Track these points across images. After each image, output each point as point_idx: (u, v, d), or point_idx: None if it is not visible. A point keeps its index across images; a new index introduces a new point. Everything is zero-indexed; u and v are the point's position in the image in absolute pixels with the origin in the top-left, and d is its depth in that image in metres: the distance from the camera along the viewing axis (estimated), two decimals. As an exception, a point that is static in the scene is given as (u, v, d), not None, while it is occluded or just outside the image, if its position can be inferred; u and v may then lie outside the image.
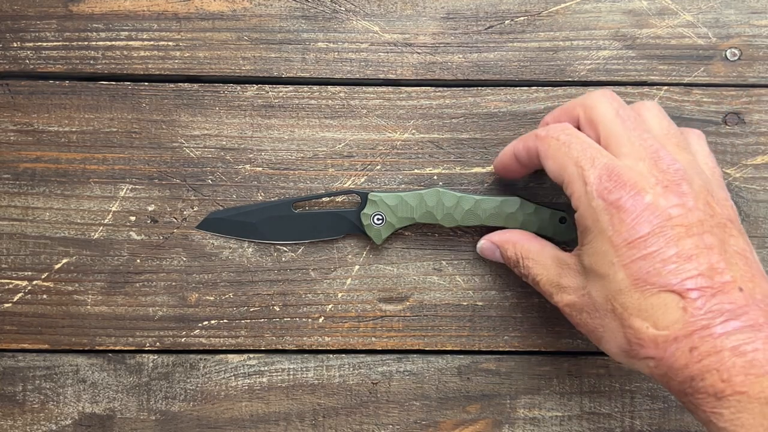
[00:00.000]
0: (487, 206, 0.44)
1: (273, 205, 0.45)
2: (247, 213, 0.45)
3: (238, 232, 0.45)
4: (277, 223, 0.45)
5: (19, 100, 0.45)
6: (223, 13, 0.46)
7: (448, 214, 0.44)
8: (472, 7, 0.46)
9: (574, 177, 0.37)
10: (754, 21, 0.46)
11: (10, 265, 0.45)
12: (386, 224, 0.44)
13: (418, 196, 0.44)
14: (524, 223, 0.44)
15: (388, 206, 0.44)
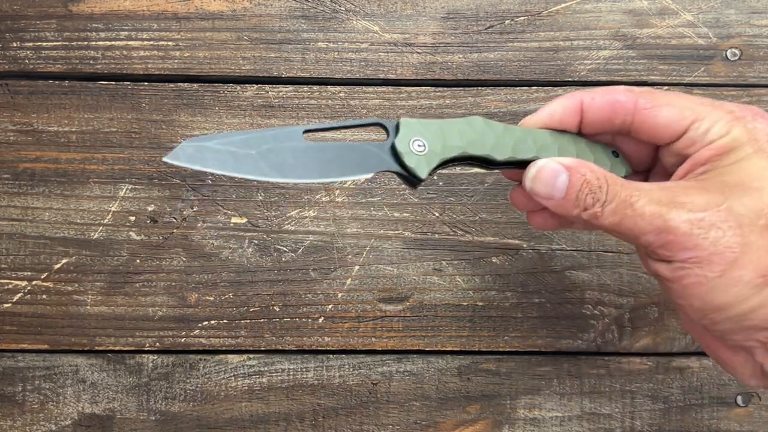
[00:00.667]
0: (538, 136, 0.36)
1: (277, 133, 0.33)
2: (241, 141, 0.33)
3: (227, 165, 0.32)
4: (284, 156, 0.33)
5: (19, 99, 0.45)
6: (223, 13, 0.46)
7: (500, 143, 0.36)
8: (472, 6, 0.46)
9: (712, 110, 0.35)
10: (754, 21, 0.46)
11: (9, 265, 0.45)
12: (429, 152, 0.35)
13: (461, 123, 0.36)
14: (579, 155, 0.37)
15: (428, 131, 0.35)
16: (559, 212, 0.34)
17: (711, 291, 0.32)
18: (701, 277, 0.32)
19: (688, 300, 0.33)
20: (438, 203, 0.46)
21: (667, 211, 0.33)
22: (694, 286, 0.33)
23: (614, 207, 0.34)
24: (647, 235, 0.33)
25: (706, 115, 0.35)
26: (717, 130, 0.35)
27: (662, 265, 0.33)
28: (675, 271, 0.33)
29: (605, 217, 0.34)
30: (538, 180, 0.35)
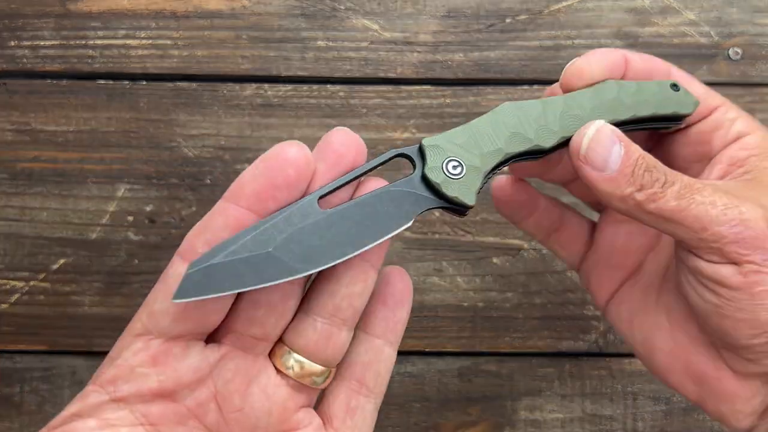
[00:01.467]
0: (583, 100, 0.31)
1: (289, 214, 0.27)
2: (253, 242, 0.26)
3: (247, 278, 0.26)
4: (307, 240, 0.27)
5: (17, 99, 0.45)
6: (222, 11, 0.46)
7: (542, 127, 0.30)
8: (473, 5, 0.46)
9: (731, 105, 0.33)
10: (757, 20, 0.46)
11: (7, 266, 0.45)
12: (468, 171, 0.29)
13: (490, 118, 0.30)
14: (636, 105, 0.32)
15: (457, 145, 0.29)
16: (607, 190, 0.29)
17: None
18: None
19: (753, 312, 0.28)
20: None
21: (742, 202, 0.28)
22: (766, 294, 0.28)
23: (679, 189, 0.29)
24: (721, 227, 0.28)
25: (731, 106, 0.33)
26: (743, 126, 0.33)
27: (728, 267, 0.28)
28: (747, 275, 0.28)
29: (667, 199, 0.28)
30: (596, 143, 0.29)
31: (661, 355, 0.33)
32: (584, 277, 0.36)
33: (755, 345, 0.29)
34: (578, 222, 0.36)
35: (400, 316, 0.31)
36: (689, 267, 0.30)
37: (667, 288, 0.34)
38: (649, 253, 0.35)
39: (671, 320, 0.33)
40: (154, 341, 0.27)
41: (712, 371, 0.32)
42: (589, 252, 0.36)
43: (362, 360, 0.30)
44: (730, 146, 0.33)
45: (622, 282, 0.35)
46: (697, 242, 0.29)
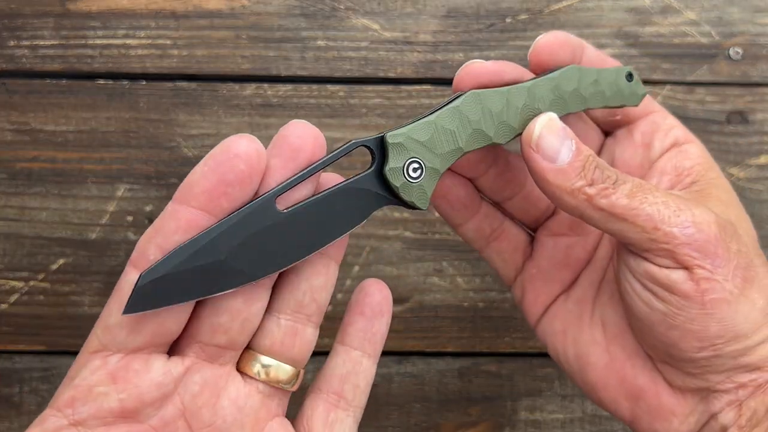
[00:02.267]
0: (543, 91, 0.31)
1: (244, 217, 0.26)
2: (206, 249, 0.25)
3: (199, 287, 0.25)
4: (264, 244, 0.26)
5: (16, 99, 0.45)
6: (222, 11, 0.45)
7: (503, 123, 0.30)
8: (473, 5, 0.46)
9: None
10: (757, 19, 0.46)
11: (6, 266, 0.45)
12: (428, 172, 0.29)
13: (454, 112, 0.29)
14: (593, 97, 0.32)
15: (420, 144, 0.29)
16: (557, 182, 0.28)
17: (735, 313, 0.28)
18: (726, 292, 0.27)
19: (703, 323, 0.28)
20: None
21: (694, 206, 0.28)
22: (717, 304, 0.28)
23: (630, 188, 0.28)
24: (673, 228, 0.27)
25: (667, 114, 0.34)
26: (682, 134, 0.33)
27: (679, 272, 0.28)
28: (699, 282, 0.27)
29: (619, 196, 0.28)
30: (548, 132, 0.29)
31: (595, 371, 0.32)
32: (519, 290, 0.35)
33: (699, 358, 0.29)
34: (517, 232, 0.35)
35: (378, 328, 0.30)
36: (637, 272, 0.29)
37: (602, 301, 0.33)
38: (586, 266, 0.34)
39: (607, 334, 0.32)
40: (113, 357, 0.26)
41: (649, 386, 0.31)
42: (526, 264, 0.35)
43: (340, 372, 0.30)
44: (671, 153, 0.32)
45: (557, 295, 0.34)
46: (647, 243, 0.28)
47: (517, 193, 0.34)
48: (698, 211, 0.28)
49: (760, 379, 0.29)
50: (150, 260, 0.25)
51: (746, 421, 0.29)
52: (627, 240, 0.28)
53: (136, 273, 0.25)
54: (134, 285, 0.24)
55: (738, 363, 0.29)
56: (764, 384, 0.29)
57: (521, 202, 0.34)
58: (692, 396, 0.30)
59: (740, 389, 0.29)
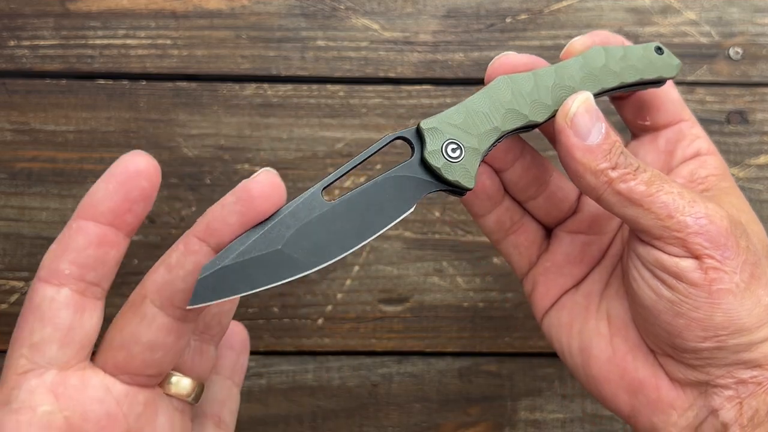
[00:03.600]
0: (573, 71, 0.32)
1: (295, 209, 0.27)
2: (262, 241, 0.26)
3: (260, 278, 0.26)
4: (315, 234, 0.27)
5: (16, 99, 0.45)
6: (222, 11, 0.45)
7: (535, 101, 0.31)
8: (473, 4, 0.46)
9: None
10: (757, 19, 0.46)
11: (6, 266, 0.45)
12: (467, 153, 0.29)
13: (484, 95, 0.30)
14: (625, 71, 0.32)
15: (455, 126, 0.29)
16: (584, 160, 0.29)
17: (740, 306, 0.28)
18: (733, 284, 0.28)
19: (709, 312, 0.28)
20: (438, 203, 0.45)
21: (707, 201, 0.29)
22: (723, 294, 0.28)
23: (650, 176, 0.29)
24: (686, 217, 0.28)
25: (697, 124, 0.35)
26: (705, 145, 0.34)
27: (688, 261, 0.28)
28: (707, 272, 0.28)
29: (638, 183, 0.29)
30: (584, 111, 0.30)
31: (597, 364, 0.33)
32: (530, 283, 0.36)
33: (702, 349, 0.29)
34: (536, 227, 0.36)
35: (243, 361, 0.35)
36: (647, 261, 0.30)
37: (609, 295, 0.34)
38: (598, 263, 0.35)
39: (611, 327, 0.33)
40: (48, 374, 0.26)
41: (649, 379, 0.31)
42: (540, 258, 0.36)
43: (219, 398, 0.33)
44: (691, 162, 0.34)
45: (568, 289, 0.35)
46: (660, 230, 0.29)
47: (541, 192, 0.34)
48: (711, 205, 0.29)
49: (761, 377, 0.29)
50: (65, 275, 0.26)
51: (748, 420, 0.29)
52: (640, 226, 0.29)
53: (49, 287, 0.26)
54: (198, 278, 0.25)
55: (740, 358, 0.29)
56: (765, 382, 0.29)
57: (544, 203, 0.35)
58: (692, 390, 0.31)
59: (740, 385, 0.29)
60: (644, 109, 0.35)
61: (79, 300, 0.26)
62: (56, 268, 0.26)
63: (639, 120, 0.35)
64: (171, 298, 0.26)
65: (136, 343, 0.27)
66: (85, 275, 0.26)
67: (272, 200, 0.26)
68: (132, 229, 0.27)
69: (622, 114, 0.36)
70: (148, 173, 0.26)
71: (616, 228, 0.35)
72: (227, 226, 0.26)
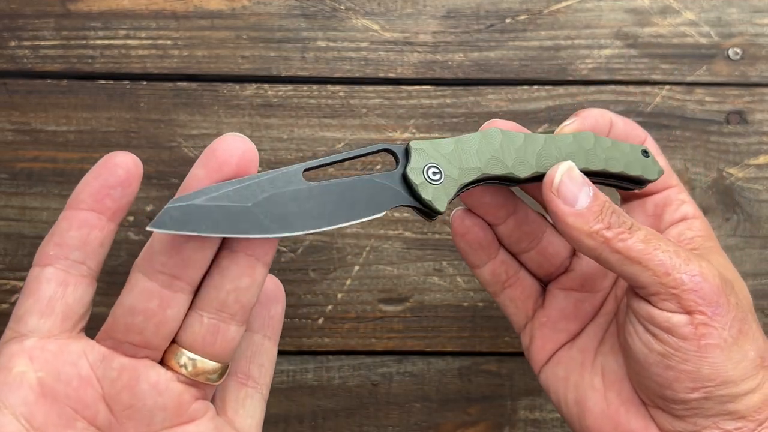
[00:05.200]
0: (563, 145, 0.33)
1: (274, 177, 0.28)
2: (235, 193, 0.27)
3: (221, 224, 0.27)
4: (285, 204, 0.28)
5: (17, 99, 0.45)
6: (222, 11, 0.45)
7: (520, 158, 0.32)
8: (472, 5, 0.46)
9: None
10: (756, 20, 0.46)
11: (7, 266, 0.45)
12: (446, 180, 0.31)
13: (476, 137, 0.32)
14: (608, 160, 0.34)
15: (441, 155, 0.31)
16: (576, 225, 0.30)
17: (727, 359, 0.30)
18: (721, 339, 0.30)
19: (697, 365, 0.30)
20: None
21: (701, 259, 0.31)
22: (711, 348, 0.30)
23: (645, 235, 0.31)
24: (682, 274, 0.30)
25: (682, 189, 0.37)
26: (691, 209, 0.36)
27: (680, 317, 0.30)
28: (697, 327, 0.30)
29: (634, 242, 0.30)
30: (568, 179, 0.31)
31: (592, 416, 0.34)
32: (527, 337, 0.37)
33: (691, 400, 0.31)
34: (531, 282, 0.37)
35: (274, 312, 0.33)
36: (641, 315, 0.31)
37: (603, 351, 0.35)
38: (592, 320, 0.37)
39: (605, 381, 0.35)
40: (28, 340, 0.27)
41: (642, 431, 0.33)
42: (536, 313, 0.37)
43: (245, 354, 0.32)
44: (678, 225, 0.36)
45: (563, 344, 0.37)
46: (657, 287, 0.30)
47: (534, 247, 0.36)
48: (705, 264, 0.31)
49: (745, 428, 0.31)
50: (50, 255, 0.28)
51: None
52: (638, 283, 0.31)
53: (38, 268, 0.28)
54: (165, 207, 0.26)
55: (725, 409, 0.30)
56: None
57: (536, 257, 0.36)
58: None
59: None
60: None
61: (63, 276, 0.28)
62: (43, 252, 0.28)
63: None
64: (151, 261, 0.28)
65: (118, 306, 0.28)
66: (68, 254, 0.28)
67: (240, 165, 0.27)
68: (113, 213, 0.28)
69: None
70: (125, 165, 0.28)
71: (609, 287, 0.37)
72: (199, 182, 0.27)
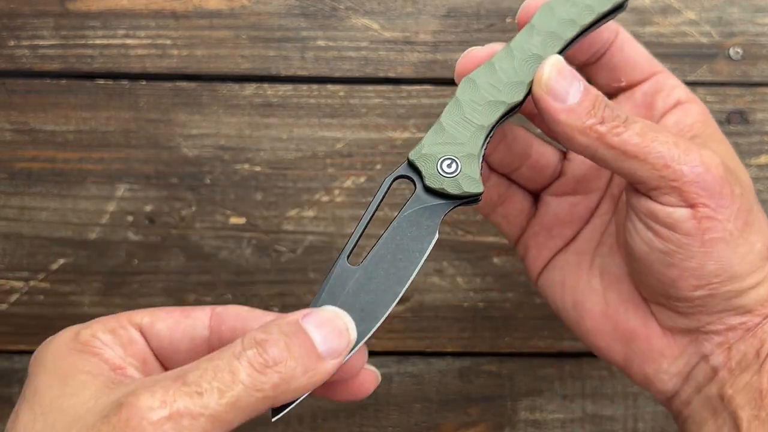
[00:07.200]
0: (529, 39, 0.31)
1: (330, 288, 0.28)
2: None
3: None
4: (356, 300, 0.28)
5: (16, 98, 0.45)
6: (221, 11, 0.45)
7: (506, 84, 0.30)
8: (473, 4, 0.46)
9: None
10: (758, 19, 0.46)
11: (6, 266, 0.45)
12: (463, 161, 0.30)
13: (455, 104, 0.31)
14: (579, 16, 0.31)
15: (441, 144, 0.30)
16: (568, 121, 0.29)
17: (733, 253, 0.28)
18: (726, 233, 0.28)
19: (701, 261, 0.28)
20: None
21: (702, 148, 0.29)
22: (716, 243, 0.28)
23: (641, 127, 0.29)
24: (682, 165, 0.28)
25: (671, 75, 0.34)
26: (684, 94, 0.33)
27: (682, 211, 0.28)
28: (701, 221, 0.28)
29: (630, 135, 0.28)
30: (557, 74, 0.29)
31: (592, 318, 0.34)
32: (522, 247, 0.37)
33: (695, 297, 0.29)
34: (522, 196, 0.36)
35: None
36: (641, 212, 0.30)
37: (601, 251, 0.34)
38: (587, 222, 0.36)
39: (604, 281, 0.34)
40: None
41: (642, 329, 0.32)
42: (530, 223, 0.36)
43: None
44: (673, 112, 0.33)
45: (559, 249, 0.36)
46: (656, 180, 0.28)
47: (524, 162, 0.35)
48: (706, 152, 0.29)
49: (750, 322, 0.30)
50: None
51: (736, 364, 0.30)
52: (637, 178, 0.29)
53: None
54: None
55: (731, 304, 0.29)
56: (753, 327, 0.30)
57: (527, 171, 0.35)
58: (682, 337, 0.31)
59: (730, 331, 0.30)
60: (616, 70, 0.34)
61: None
62: None
63: (613, 83, 0.34)
64: None
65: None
66: None
67: None
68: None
69: (595, 81, 0.35)
70: None
71: (604, 187, 0.35)
72: None
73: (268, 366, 0.24)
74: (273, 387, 0.24)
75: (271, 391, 0.24)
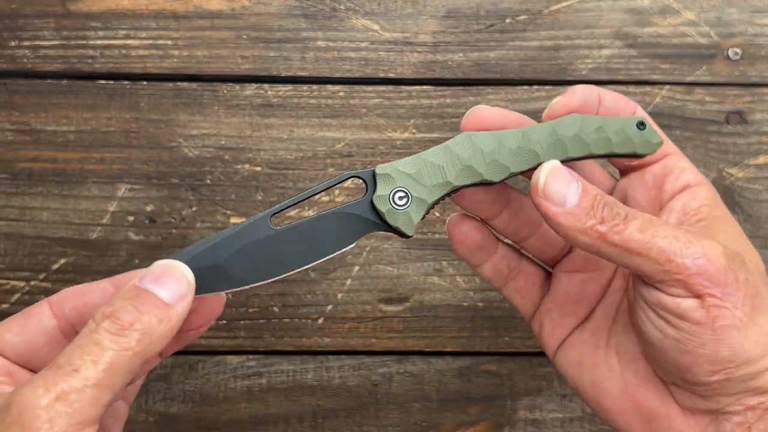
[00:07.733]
0: (541, 136, 0.32)
1: (241, 230, 0.29)
2: (205, 253, 0.29)
3: (200, 285, 0.29)
4: (256, 253, 0.30)
5: (17, 99, 0.45)
6: (222, 11, 0.46)
7: (494, 162, 0.31)
8: (472, 5, 0.46)
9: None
10: (756, 20, 0.46)
11: (7, 266, 0.45)
12: (414, 202, 0.31)
13: (443, 150, 0.31)
14: (597, 143, 0.32)
15: (408, 176, 0.31)
16: (568, 224, 0.29)
17: (744, 339, 0.29)
18: (736, 319, 0.29)
19: (714, 347, 0.29)
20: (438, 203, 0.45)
21: (702, 239, 0.29)
22: (727, 330, 0.29)
23: (641, 223, 0.29)
24: (684, 259, 0.29)
25: (681, 156, 0.35)
26: (693, 176, 0.34)
27: (690, 301, 0.29)
28: (709, 310, 0.29)
29: (631, 232, 0.29)
30: (553, 179, 0.30)
31: (611, 397, 0.34)
32: (537, 324, 0.37)
33: (712, 381, 0.30)
34: (534, 270, 0.36)
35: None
36: (650, 302, 0.30)
37: (616, 331, 0.34)
38: (601, 300, 0.36)
39: (621, 361, 0.34)
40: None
41: (661, 409, 0.32)
42: (543, 300, 0.36)
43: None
44: (682, 195, 0.34)
45: (574, 328, 0.36)
46: (661, 275, 0.29)
47: (533, 233, 0.35)
48: (707, 243, 0.29)
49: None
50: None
51: None
52: (641, 272, 0.30)
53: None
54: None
55: (747, 386, 0.30)
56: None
57: (537, 242, 0.36)
58: (702, 418, 0.31)
59: (749, 411, 0.30)
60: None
61: None
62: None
63: (625, 162, 0.35)
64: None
65: None
66: None
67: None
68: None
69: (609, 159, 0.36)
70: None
71: (614, 265, 0.36)
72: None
73: (126, 328, 0.26)
74: (138, 342, 0.26)
75: (138, 347, 0.26)
